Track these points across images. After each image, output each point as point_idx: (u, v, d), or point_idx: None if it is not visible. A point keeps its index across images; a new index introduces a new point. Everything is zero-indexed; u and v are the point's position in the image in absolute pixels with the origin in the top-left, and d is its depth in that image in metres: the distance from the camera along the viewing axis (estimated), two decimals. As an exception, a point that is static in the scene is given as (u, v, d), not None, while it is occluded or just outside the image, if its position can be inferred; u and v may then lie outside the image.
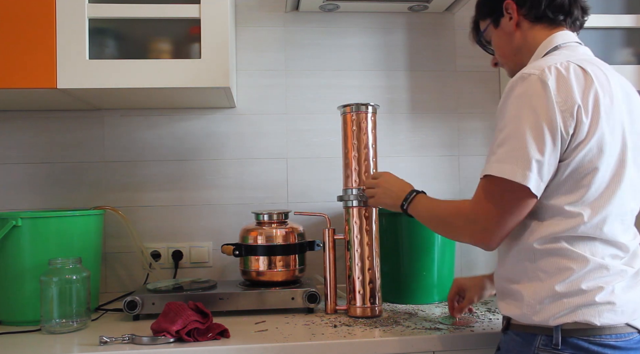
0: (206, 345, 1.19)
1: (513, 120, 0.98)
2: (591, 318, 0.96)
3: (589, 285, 0.97)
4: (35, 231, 1.42)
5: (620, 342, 0.97)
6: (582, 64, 1.01)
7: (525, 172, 0.96)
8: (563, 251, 0.99)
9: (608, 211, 1.00)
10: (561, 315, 0.97)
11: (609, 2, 1.64)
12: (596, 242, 1.00)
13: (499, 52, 1.22)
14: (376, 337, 1.23)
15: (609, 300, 0.97)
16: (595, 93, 0.99)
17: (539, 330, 0.99)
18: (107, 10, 1.45)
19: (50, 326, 1.33)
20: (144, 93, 1.54)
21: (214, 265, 1.79)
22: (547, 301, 0.98)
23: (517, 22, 1.14)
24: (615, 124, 1.00)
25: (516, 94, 0.99)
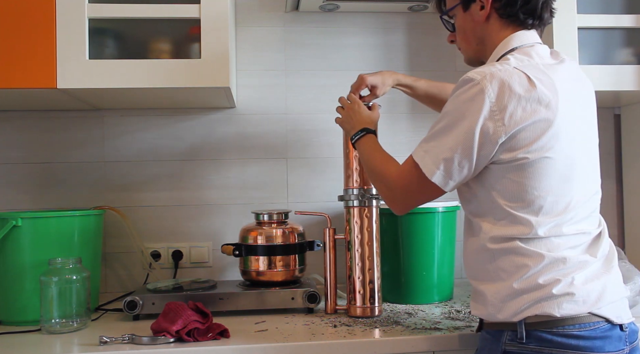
0: (206, 345, 1.19)
1: (446, 117, 1.05)
2: (550, 309, 0.98)
3: (545, 279, 1.00)
4: (35, 231, 1.42)
5: (585, 331, 0.99)
6: (527, 71, 1.02)
7: (433, 168, 1.05)
8: (518, 250, 1.02)
9: (562, 216, 1.02)
10: (522, 310, 1.00)
11: (609, 2, 1.64)
12: (552, 239, 1.02)
13: (460, 36, 1.21)
14: (376, 337, 1.23)
15: (567, 291, 0.99)
16: (537, 100, 1.00)
17: (505, 326, 1.03)
18: (107, 10, 1.45)
19: (50, 326, 1.33)
20: (144, 93, 1.54)
21: (214, 265, 1.79)
22: (508, 298, 1.02)
23: (487, 14, 1.13)
24: (561, 125, 1.01)
25: (457, 93, 1.05)
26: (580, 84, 1.11)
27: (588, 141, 1.09)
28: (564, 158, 1.02)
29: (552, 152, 1.01)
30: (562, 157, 1.02)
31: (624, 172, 1.94)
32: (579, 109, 1.07)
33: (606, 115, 1.96)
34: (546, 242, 1.02)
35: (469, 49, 1.21)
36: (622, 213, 1.94)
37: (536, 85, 1.00)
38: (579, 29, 1.58)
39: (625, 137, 1.93)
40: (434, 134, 1.07)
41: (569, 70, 1.09)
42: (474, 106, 1.01)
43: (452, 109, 1.05)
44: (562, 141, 1.01)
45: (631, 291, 1.39)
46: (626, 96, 1.73)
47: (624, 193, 1.93)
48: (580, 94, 1.09)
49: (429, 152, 1.06)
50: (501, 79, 1.01)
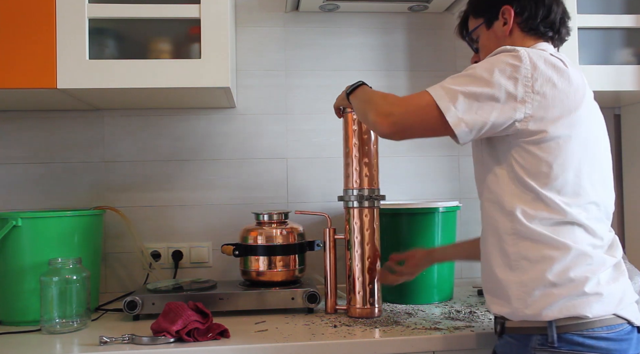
0: (206, 345, 1.19)
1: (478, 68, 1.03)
2: (582, 310, 0.97)
3: (576, 274, 0.98)
4: (35, 231, 1.42)
5: (612, 334, 0.98)
6: (562, 57, 1.07)
7: (448, 104, 1.01)
8: (544, 238, 1.00)
9: (585, 199, 1.02)
10: (554, 309, 0.97)
11: (609, 2, 1.64)
12: (575, 228, 1.00)
13: (484, 53, 1.22)
14: (376, 337, 1.23)
15: (596, 291, 0.98)
16: (568, 81, 1.03)
17: (534, 330, 0.99)
18: (107, 10, 1.45)
19: (50, 326, 1.33)
20: (144, 93, 1.54)
21: (214, 265, 1.79)
22: (537, 292, 0.99)
23: (510, 29, 1.16)
24: (584, 114, 1.04)
25: (493, 56, 1.05)
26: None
27: (604, 141, 1.11)
28: (585, 142, 1.03)
29: (575, 132, 1.01)
30: (583, 140, 1.03)
31: (624, 172, 1.94)
32: (597, 112, 1.10)
33: (606, 115, 1.93)
34: (571, 233, 1.00)
35: None
36: (622, 213, 1.94)
37: (569, 67, 1.04)
38: (579, 29, 1.58)
39: (625, 137, 1.93)
40: (458, 77, 1.04)
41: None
42: (508, 66, 1.01)
43: (484, 65, 1.03)
44: (584, 126, 1.03)
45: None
46: (626, 96, 1.73)
47: (624, 193, 1.93)
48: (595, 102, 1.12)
49: (444, 88, 1.03)
50: (539, 54, 1.03)
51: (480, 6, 1.22)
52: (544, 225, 1.00)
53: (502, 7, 1.16)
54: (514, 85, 1.00)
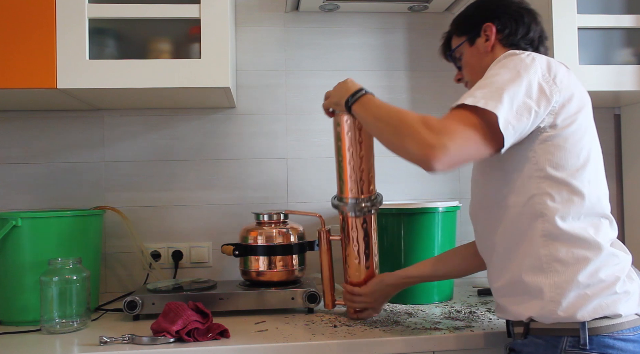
0: (206, 345, 1.19)
1: (498, 73, 1.01)
2: (616, 309, 0.97)
3: (607, 274, 0.98)
4: (35, 231, 1.42)
5: (637, 335, 0.98)
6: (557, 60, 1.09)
7: (497, 104, 0.95)
8: (577, 239, 0.99)
9: (604, 190, 1.06)
10: (588, 309, 0.96)
11: (609, 2, 1.64)
12: (604, 222, 1.03)
13: (468, 69, 1.24)
14: (376, 337, 1.23)
15: (626, 290, 0.99)
16: (575, 79, 1.08)
17: (565, 331, 0.98)
18: (107, 10, 1.45)
19: (50, 326, 1.33)
20: (144, 93, 1.54)
21: (214, 265, 1.79)
22: (571, 293, 0.97)
23: (492, 45, 1.19)
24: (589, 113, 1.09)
25: (506, 60, 1.04)
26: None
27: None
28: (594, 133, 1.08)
29: (590, 123, 1.07)
30: (593, 131, 1.08)
31: (624, 172, 1.94)
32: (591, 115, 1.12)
33: (606, 115, 1.96)
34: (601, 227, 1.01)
35: (476, 79, 1.17)
36: (622, 213, 1.94)
37: (570, 71, 1.08)
38: (579, 29, 1.57)
39: (625, 137, 1.93)
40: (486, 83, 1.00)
41: None
42: (527, 67, 1.01)
43: (505, 68, 1.02)
44: (591, 126, 1.08)
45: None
46: (626, 95, 1.73)
47: (624, 193, 1.93)
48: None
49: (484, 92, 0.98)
50: (545, 56, 1.07)
51: (463, 25, 1.25)
52: (577, 222, 1.00)
53: (484, 24, 1.19)
54: (540, 80, 1.01)
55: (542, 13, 1.60)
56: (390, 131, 1.02)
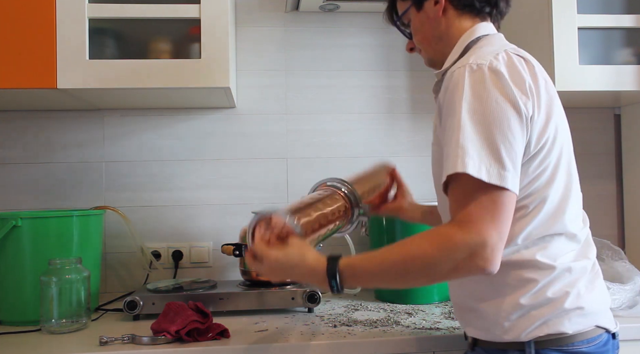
0: (206, 345, 1.19)
1: (475, 112, 0.88)
2: (562, 327, 0.92)
3: (554, 291, 0.92)
4: (35, 231, 1.42)
5: (592, 346, 0.94)
6: (519, 52, 0.98)
7: (501, 171, 0.86)
8: (526, 263, 0.93)
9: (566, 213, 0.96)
10: (533, 329, 0.92)
11: (609, 2, 1.64)
12: (559, 238, 0.94)
13: (418, 37, 1.13)
14: (376, 337, 1.23)
15: (577, 305, 0.93)
16: (542, 79, 0.96)
17: (510, 346, 0.94)
18: (107, 10, 1.45)
19: (50, 326, 1.33)
20: (144, 93, 1.54)
21: (214, 265, 1.79)
22: (515, 316, 0.93)
23: (443, 8, 1.07)
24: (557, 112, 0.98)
25: (468, 84, 0.90)
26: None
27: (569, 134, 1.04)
28: (564, 146, 0.98)
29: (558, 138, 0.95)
30: (564, 144, 0.97)
31: (624, 172, 1.94)
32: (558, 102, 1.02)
33: (606, 115, 1.96)
34: (552, 247, 0.94)
35: (429, 49, 1.13)
36: (622, 213, 1.94)
37: (532, 63, 0.97)
38: (579, 29, 1.57)
39: (625, 137, 1.93)
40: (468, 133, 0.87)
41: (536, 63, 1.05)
42: (493, 85, 0.89)
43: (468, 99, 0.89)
44: (561, 129, 0.97)
45: (631, 291, 1.39)
46: (626, 96, 1.73)
47: (624, 193, 1.93)
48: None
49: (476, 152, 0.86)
50: (502, 59, 0.93)
51: None
52: (522, 247, 0.93)
53: None
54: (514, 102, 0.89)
55: (542, 13, 1.60)
56: (428, 277, 0.89)
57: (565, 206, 0.96)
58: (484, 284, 0.96)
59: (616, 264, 1.50)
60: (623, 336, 1.29)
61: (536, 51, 1.66)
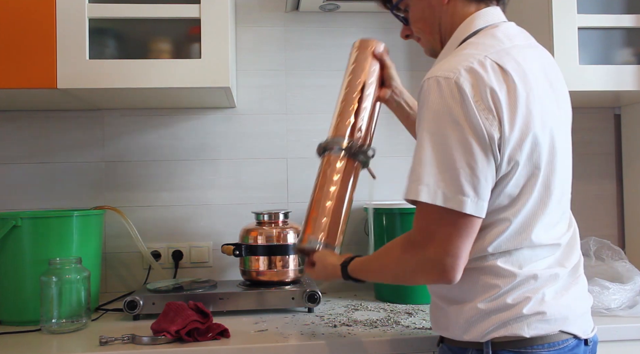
0: (206, 345, 1.19)
1: (435, 135, 0.90)
2: (519, 331, 0.92)
3: (514, 298, 0.93)
4: (35, 231, 1.42)
5: (553, 351, 0.94)
6: (500, 60, 0.92)
7: (460, 196, 0.87)
8: (489, 269, 0.94)
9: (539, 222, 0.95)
10: (490, 331, 0.94)
11: (609, 2, 1.64)
12: (524, 250, 0.94)
13: (418, 26, 1.09)
14: (376, 337, 1.23)
15: (538, 310, 0.93)
16: (523, 91, 0.91)
17: (470, 344, 0.97)
18: (107, 10, 1.45)
19: (50, 326, 1.33)
20: (144, 93, 1.54)
21: (214, 265, 1.79)
22: (474, 319, 0.95)
23: None
24: (537, 122, 0.93)
25: (432, 101, 0.90)
26: (552, 74, 1.02)
27: (563, 137, 1.00)
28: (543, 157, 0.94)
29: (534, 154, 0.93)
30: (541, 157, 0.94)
31: (624, 172, 1.94)
32: (553, 102, 0.98)
33: (606, 115, 1.96)
34: (519, 255, 0.94)
35: (431, 38, 1.09)
36: (622, 213, 1.94)
37: (512, 75, 0.91)
38: (579, 29, 1.57)
39: (625, 137, 1.93)
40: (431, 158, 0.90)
41: (541, 57, 1.01)
42: (460, 107, 0.88)
43: (435, 120, 0.90)
44: (540, 141, 0.93)
45: (631, 291, 1.39)
46: (626, 95, 1.73)
47: (624, 193, 1.93)
48: (552, 86, 1.00)
49: (440, 181, 0.89)
50: (474, 70, 0.90)
51: None
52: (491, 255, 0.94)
53: None
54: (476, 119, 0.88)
55: (542, 13, 1.61)
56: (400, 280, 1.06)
57: (536, 221, 0.95)
58: (453, 287, 0.97)
59: (616, 264, 1.50)
60: (623, 336, 1.29)
61: (536, 51, 1.66)
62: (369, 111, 1.22)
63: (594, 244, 1.57)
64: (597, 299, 1.35)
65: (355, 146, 1.19)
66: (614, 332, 1.28)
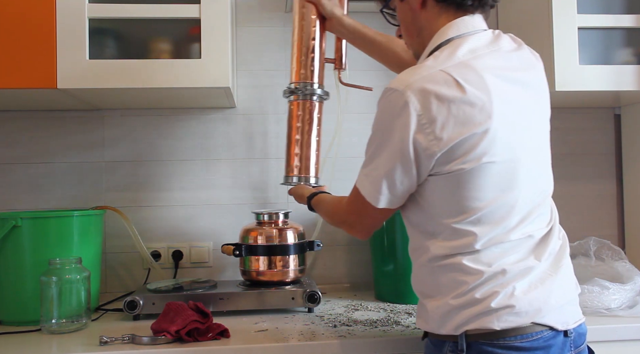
0: (206, 345, 1.19)
1: (376, 136, 1.01)
2: (489, 324, 0.95)
3: (483, 293, 0.96)
4: (35, 231, 1.42)
5: (526, 342, 0.95)
6: (456, 72, 0.94)
7: (376, 194, 1.01)
8: (459, 266, 0.98)
9: (506, 222, 0.97)
10: (462, 324, 0.97)
11: (609, 2, 1.64)
12: (493, 248, 0.97)
13: (403, 30, 1.13)
14: (376, 337, 1.23)
15: (507, 304, 0.95)
16: (469, 105, 0.93)
17: (447, 337, 1.00)
18: (107, 10, 1.45)
19: (50, 326, 1.33)
20: (144, 93, 1.54)
21: (214, 265, 1.79)
22: (448, 314, 0.99)
23: (422, 0, 1.05)
24: (499, 128, 0.94)
25: (382, 107, 0.99)
26: (523, 73, 1.02)
27: (535, 136, 1.02)
28: (504, 161, 0.96)
29: (490, 157, 0.94)
30: (502, 160, 0.95)
31: (624, 172, 1.94)
32: (520, 103, 0.99)
33: (606, 115, 1.96)
34: (488, 253, 0.97)
35: (413, 42, 1.12)
36: (622, 213, 1.94)
37: (465, 88, 0.93)
38: (579, 29, 1.57)
39: (625, 137, 1.93)
40: (370, 157, 1.03)
41: (507, 59, 1.01)
42: (400, 120, 0.94)
43: (380, 126, 1.00)
44: (500, 144, 0.95)
45: (631, 291, 1.39)
46: (626, 95, 1.73)
47: (624, 193, 1.93)
48: (522, 86, 1.00)
49: (368, 176, 1.02)
50: (424, 87, 0.93)
51: None
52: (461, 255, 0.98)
53: None
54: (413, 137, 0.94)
55: (542, 13, 1.61)
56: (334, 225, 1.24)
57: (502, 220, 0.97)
58: (429, 283, 1.03)
59: (616, 264, 1.50)
60: (623, 336, 1.29)
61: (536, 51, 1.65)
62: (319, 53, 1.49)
63: (594, 244, 1.57)
64: (597, 299, 1.35)
65: (307, 87, 1.46)
66: (614, 332, 1.29)
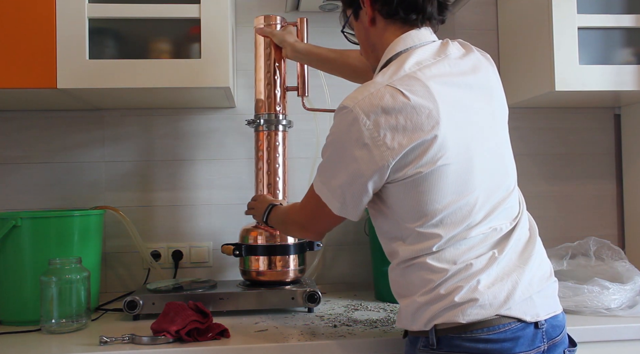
0: (206, 345, 1.19)
1: (330, 147, 1.05)
2: (455, 318, 0.98)
3: (447, 288, 0.99)
4: (35, 231, 1.42)
5: (493, 334, 0.97)
6: (399, 85, 0.98)
7: (335, 203, 1.06)
8: (426, 265, 1.01)
9: (468, 220, 1.00)
10: (430, 320, 1.00)
11: (609, 2, 1.64)
12: (456, 245, 1.00)
13: (360, 46, 1.18)
14: (376, 337, 1.23)
15: (470, 297, 0.97)
16: (416, 113, 0.96)
17: (420, 333, 1.04)
18: (107, 10, 1.45)
19: (50, 326, 1.33)
20: (144, 93, 1.54)
21: (214, 265, 1.79)
22: (417, 311, 1.03)
23: (371, 17, 1.10)
24: (448, 132, 0.97)
25: (335, 122, 1.04)
26: (470, 77, 1.05)
27: (489, 135, 1.04)
28: (458, 162, 0.99)
29: (443, 160, 0.97)
30: (455, 162, 0.98)
31: (624, 172, 1.94)
32: (469, 105, 1.03)
33: (606, 115, 1.96)
34: (452, 251, 1.00)
35: (369, 57, 1.18)
36: (622, 213, 1.94)
37: (411, 99, 0.97)
38: (579, 29, 1.57)
39: (625, 137, 1.93)
40: (325, 166, 1.08)
41: (455, 65, 1.04)
42: (352, 135, 0.99)
43: (333, 139, 1.04)
44: (453, 147, 0.98)
45: (631, 291, 1.39)
46: (626, 95, 1.73)
47: (624, 193, 1.93)
48: (469, 88, 1.04)
49: (326, 184, 1.07)
50: (372, 103, 0.98)
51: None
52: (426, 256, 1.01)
53: None
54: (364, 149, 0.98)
55: (542, 13, 1.61)
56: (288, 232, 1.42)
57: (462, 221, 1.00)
58: (401, 284, 1.07)
59: (616, 264, 1.50)
60: (623, 336, 1.29)
61: (536, 51, 1.66)
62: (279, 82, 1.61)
63: (594, 244, 1.57)
64: (597, 299, 1.35)
65: (271, 117, 1.58)
66: (614, 332, 1.29)
